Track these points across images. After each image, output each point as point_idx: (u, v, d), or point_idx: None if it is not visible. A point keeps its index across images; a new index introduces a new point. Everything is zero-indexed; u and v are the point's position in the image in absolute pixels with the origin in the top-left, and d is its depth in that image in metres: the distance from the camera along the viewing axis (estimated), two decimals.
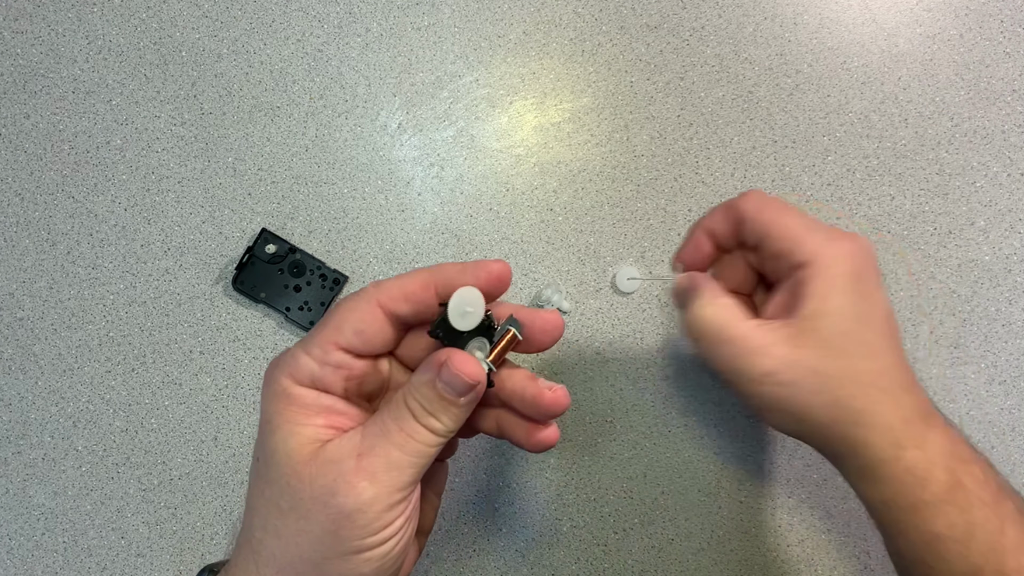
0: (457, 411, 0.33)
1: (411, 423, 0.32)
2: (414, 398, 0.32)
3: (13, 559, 0.54)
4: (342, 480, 0.31)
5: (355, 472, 0.31)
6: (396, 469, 0.32)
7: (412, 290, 0.33)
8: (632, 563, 0.53)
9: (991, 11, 0.56)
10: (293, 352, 0.33)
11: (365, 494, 0.31)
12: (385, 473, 0.31)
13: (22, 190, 0.56)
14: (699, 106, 0.56)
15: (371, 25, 0.57)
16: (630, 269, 0.55)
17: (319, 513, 0.31)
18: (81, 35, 0.57)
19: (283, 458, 0.32)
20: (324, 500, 0.31)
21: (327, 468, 0.31)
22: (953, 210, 0.55)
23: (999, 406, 0.53)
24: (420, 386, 0.32)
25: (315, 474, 0.31)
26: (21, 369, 0.55)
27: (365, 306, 0.33)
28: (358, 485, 0.31)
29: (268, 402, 0.33)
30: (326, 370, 0.33)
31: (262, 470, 0.33)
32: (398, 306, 0.33)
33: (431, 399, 0.32)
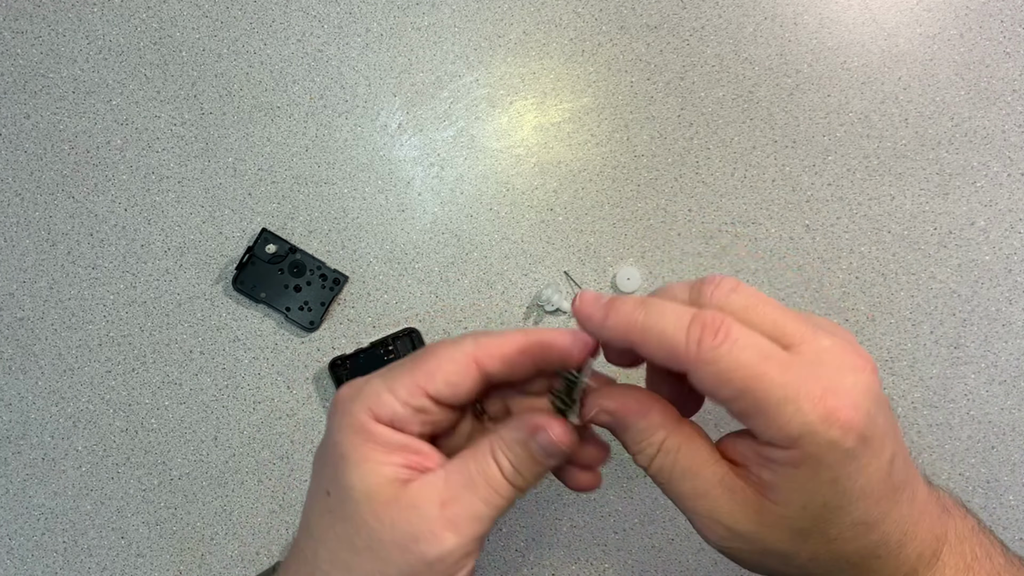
0: (542, 471, 0.33)
1: (498, 479, 0.32)
2: (504, 455, 0.33)
3: (13, 559, 0.54)
4: (427, 528, 0.31)
5: (439, 521, 0.31)
6: (478, 521, 0.32)
7: (511, 353, 0.33)
8: (632, 563, 0.53)
9: (991, 11, 0.56)
10: (374, 386, 0.32)
11: (448, 544, 0.31)
12: (468, 524, 0.31)
13: (22, 190, 0.56)
14: (699, 106, 0.56)
15: (371, 25, 0.57)
16: (631, 269, 0.55)
17: (397, 557, 0.31)
18: (81, 35, 0.57)
19: (361, 496, 0.32)
20: (405, 545, 0.31)
21: (410, 513, 0.31)
22: (953, 210, 0.55)
23: (999, 406, 0.53)
24: (513, 444, 0.33)
25: (397, 519, 0.31)
26: (21, 369, 0.55)
27: (462, 359, 0.32)
28: (442, 535, 0.31)
29: (343, 434, 0.32)
30: (407, 411, 0.32)
31: (334, 504, 0.33)
32: (493, 365, 0.33)
33: (522, 458, 0.32)
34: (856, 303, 0.54)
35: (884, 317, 0.54)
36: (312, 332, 0.55)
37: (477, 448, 0.33)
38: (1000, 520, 0.53)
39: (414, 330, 0.54)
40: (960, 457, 0.53)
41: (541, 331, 0.33)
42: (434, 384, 0.32)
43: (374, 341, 0.54)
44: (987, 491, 0.53)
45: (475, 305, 0.55)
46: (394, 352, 0.54)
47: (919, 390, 0.54)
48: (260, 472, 0.55)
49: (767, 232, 0.55)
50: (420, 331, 0.55)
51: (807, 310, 0.54)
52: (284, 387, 0.55)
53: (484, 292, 0.55)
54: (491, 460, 0.32)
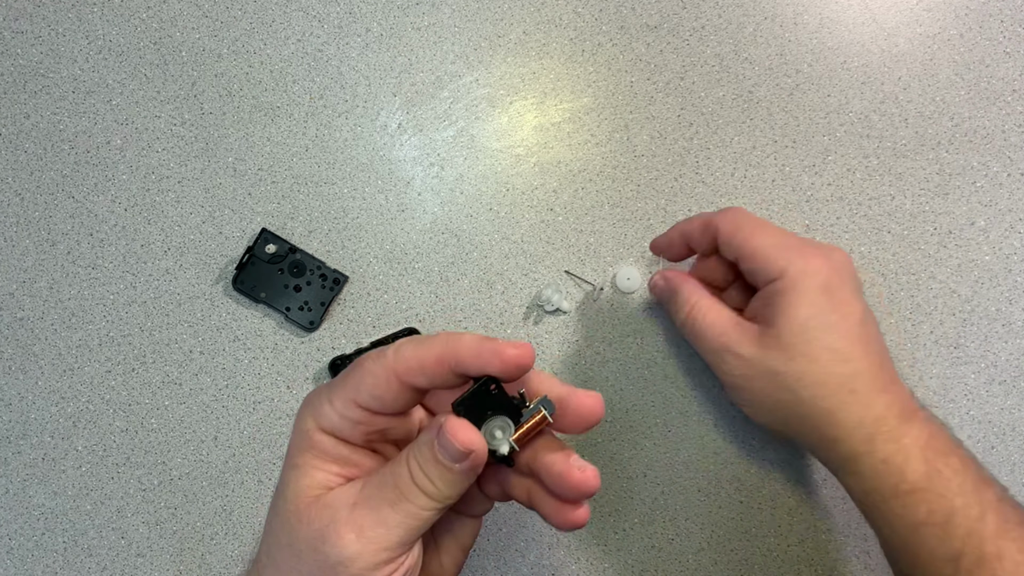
0: (452, 477, 0.32)
1: (406, 482, 0.32)
2: (414, 457, 0.32)
3: (13, 559, 0.54)
4: (332, 528, 0.31)
5: (345, 522, 0.31)
6: (384, 526, 0.31)
7: (427, 364, 0.32)
8: (632, 563, 0.53)
9: (991, 11, 0.56)
10: (320, 397, 0.33)
11: (349, 548, 0.30)
12: (372, 529, 0.31)
13: (22, 190, 0.56)
14: (699, 106, 0.56)
15: (371, 25, 0.57)
16: (630, 269, 0.55)
17: (308, 556, 0.31)
18: (81, 35, 0.57)
19: (291, 495, 0.33)
20: (314, 545, 0.31)
21: (322, 513, 0.31)
22: (953, 210, 0.55)
23: (999, 406, 0.53)
24: (421, 445, 0.32)
25: (312, 517, 0.32)
26: (21, 369, 0.55)
27: (381, 373, 0.32)
28: (345, 537, 0.31)
29: (293, 439, 0.34)
30: (345, 423, 0.33)
31: (275, 502, 0.34)
32: (413, 377, 0.32)
33: (428, 461, 0.32)
34: None
35: (884, 317, 0.54)
36: (312, 332, 0.55)
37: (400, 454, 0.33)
38: None
39: (414, 330, 0.54)
40: None
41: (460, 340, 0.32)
42: (360, 396, 0.32)
43: (374, 341, 0.54)
44: None
45: (475, 305, 0.55)
46: None
47: (919, 390, 0.54)
48: (260, 472, 0.55)
49: None
50: (420, 331, 0.55)
51: None
52: (284, 387, 0.55)
53: (484, 292, 0.55)
54: (403, 464, 0.32)
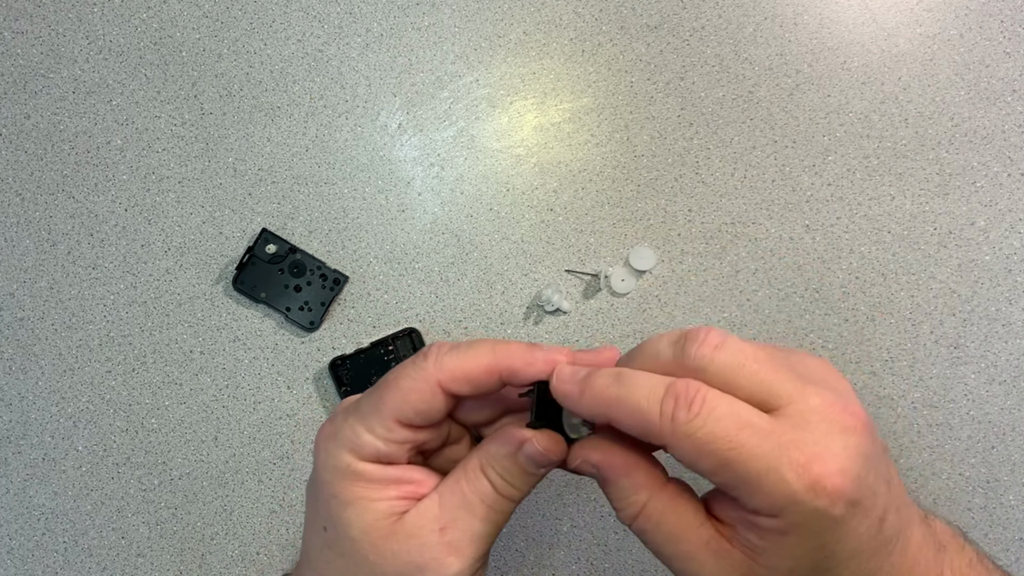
0: (535, 479, 0.33)
1: (493, 496, 0.32)
2: (494, 470, 0.32)
3: (13, 559, 0.54)
4: (429, 556, 0.31)
5: (441, 548, 0.31)
6: (479, 541, 0.32)
7: (476, 375, 0.32)
8: (632, 563, 0.53)
9: (991, 11, 0.56)
10: (352, 427, 0.32)
11: (452, 568, 0.31)
12: (470, 546, 0.31)
13: (22, 190, 0.56)
14: (699, 106, 0.56)
15: (371, 25, 0.57)
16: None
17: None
18: (81, 35, 0.57)
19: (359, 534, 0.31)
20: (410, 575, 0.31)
21: (410, 544, 0.31)
22: (953, 210, 0.55)
23: (999, 406, 0.53)
24: (501, 459, 0.32)
25: (397, 550, 0.31)
26: (21, 369, 0.55)
27: (425, 387, 0.31)
28: (446, 562, 0.31)
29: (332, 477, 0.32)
30: (391, 446, 0.32)
31: (332, 540, 0.32)
32: (459, 387, 0.32)
33: (512, 472, 0.32)
34: (856, 303, 0.54)
35: (884, 317, 0.54)
36: (312, 332, 0.55)
37: (467, 467, 0.33)
38: (1000, 520, 0.53)
39: (414, 330, 0.54)
40: (960, 457, 0.53)
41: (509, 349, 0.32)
42: (405, 416, 0.32)
43: (374, 341, 0.54)
44: (987, 491, 0.53)
45: (475, 305, 0.55)
46: (394, 352, 0.54)
47: (919, 390, 0.54)
48: (260, 472, 0.55)
49: (767, 232, 0.55)
50: (420, 331, 0.55)
51: (807, 310, 0.54)
52: (284, 387, 0.55)
53: (484, 292, 0.55)
54: (483, 477, 0.32)
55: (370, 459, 0.32)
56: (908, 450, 0.53)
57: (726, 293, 0.55)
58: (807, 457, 0.27)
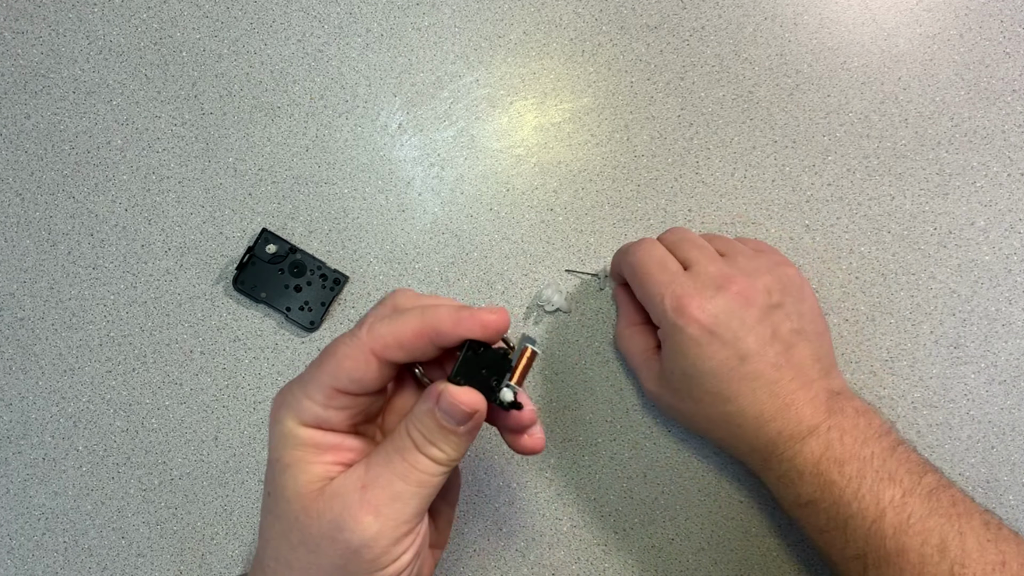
0: (458, 440, 0.33)
1: (413, 453, 0.32)
2: (416, 428, 0.33)
3: (13, 559, 0.54)
4: (348, 515, 0.31)
5: (359, 506, 0.31)
6: (400, 501, 0.32)
7: (406, 339, 0.33)
8: (632, 563, 0.53)
9: (991, 11, 0.56)
10: (294, 394, 0.33)
11: (370, 529, 0.31)
12: (389, 506, 0.32)
13: (22, 190, 0.56)
14: (699, 106, 0.56)
15: (371, 25, 0.57)
16: None
17: (327, 548, 0.32)
18: (81, 35, 0.57)
19: (292, 495, 0.32)
20: (332, 535, 0.31)
21: (333, 503, 0.32)
22: (953, 210, 0.55)
23: (999, 406, 0.53)
24: (421, 416, 0.33)
25: (322, 509, 0.32)
26: (21, 369, 0.55)
27: (359, 354, 0.33)
28: (363, 520, 0.31)
29: (276, 441, 0.34)
30: (329, 412, 0.33)
31: (271, 505, 0.34)
32: (391, 353, 0.33)
33: (432, 429, 0.33)
34: (856, 303, 0.54)
35: (884, 317, 0.54)
36: (312, 332, 0.55)
37: (396, 429, 0.33)
38: None
39: None
40: (960, 457, 0.53)
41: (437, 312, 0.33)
42: (339, 382, 0.33)
43: None
44: (987, 491, 0.53)
45: (475, 305, 0.55)
46: None
47: (919, 390, 0.54)
48: (260, 472, 0.55)
49: (767, 232, 0.55)
50: None
51: None
52: None
53: (484, 292, 0.55)
54: (406, 436, 0.33)
55: (311, 424, 0.33)
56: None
57: None
58: (683, 292, 0.43)
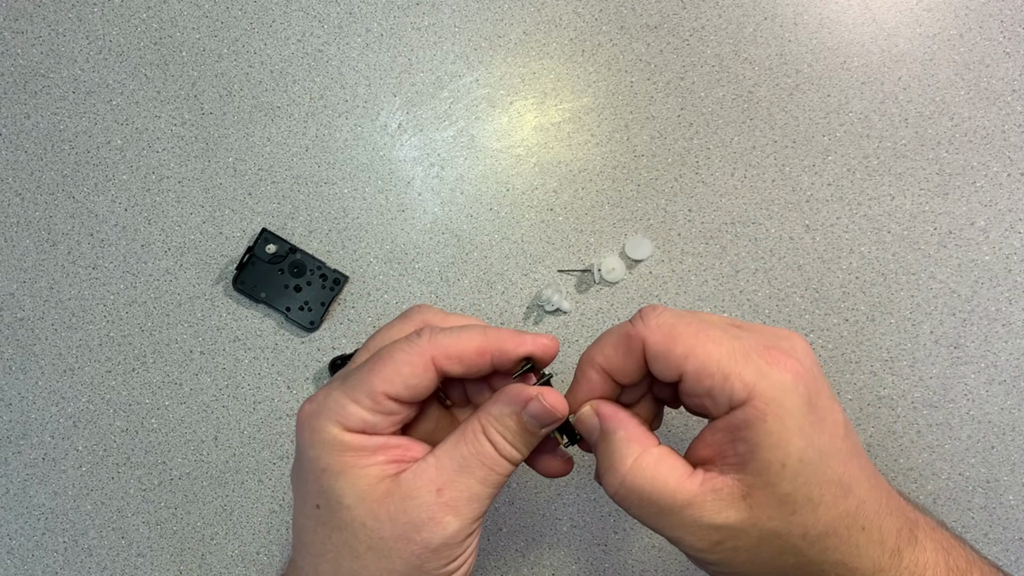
0: (534, 440, 0.34)
1: (493, 456, 0.33)
2: (495, 430, 0.33)
3: (13, 559, 0.54)
4: (426, 515, 0.31)
5: (439, 507, 0.32)
6: (477, 501, 0.32)
7: (468, 355, 0.33)
8: (632, 563, 0.53)
9: (991, 11, 0.56)
10: (337, 400, 0.32)
11: (450, 528, 0.32)
12: (467, 506, 0.32)
13: (22, 190, 0.56)
14: (699, 106, 0.56)
15: (371, 25, 0.57)
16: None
17: (402, 549, 0.31)
18: (81, 35, 0.57)
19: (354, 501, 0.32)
20: (408, 536, 0.31)
21: (407, 504, 0.32)
22: (953, 210, 0.55)
23: (999, 406, 0.53)
24: (503, 418, 0.33)
25: (395, 512, 0.31)
26: (21, 369, 0.55)
27: (419, 361, 0.32)
28: (443, 520, 0.31)
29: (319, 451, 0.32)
30: (378, 418, 0.33)
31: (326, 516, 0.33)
32: (452, 366, 0.33)
33: (514, 431, 0.33)
34: (856, 303, 0.54)
35: (884, 317, 0.54)
36: (312, 332, 0.55)
37: (466, 430, 0.33)
38: (1000, 520, 0.53)
39: None
40: (960, 457, 0.53)
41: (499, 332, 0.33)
42: (394, 388, 0.32)
43: None
44: (987, 491, 0.53)
45: (475, 305, 0.55)
46: None
47: (919, 390, 0.54)
48: (260, 472, 0.55)
49: (767, 232, 0.55)
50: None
51: (807, 310, 0.54)
52: (284, 387, 0.55)
53: (484, 292, 0.55)
54: (483, 439, 0.33)
55: (356, 429, 0.32)
56: (908, 450, 0.53)
57: (726, 293, 0.55)
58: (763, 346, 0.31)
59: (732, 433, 0.31)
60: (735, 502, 0.31)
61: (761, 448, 0.30)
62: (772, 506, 0.30)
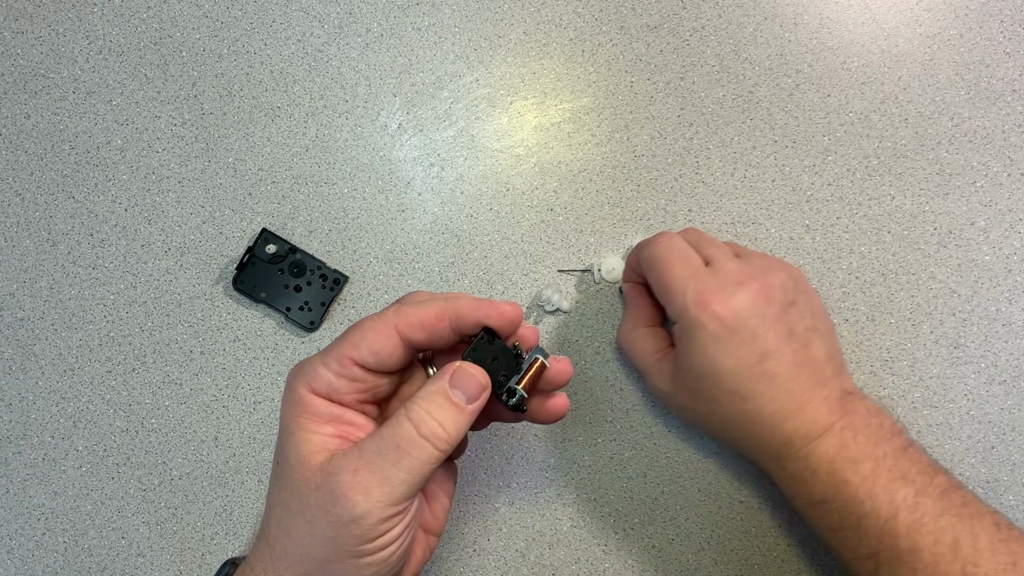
0: (463, 419, 0.35)
1: (410, 437, 0.34)
2: (421, 409, 0.34)
3: (13, 559, 0.54)
4: (340, 491, 0.33)
5: (351, 486, 0.33)
6: (389, 485, 0.33)
7: (428, 320, 0.35)
8: (632, 563, 0.53)
9: (991, 11, 0.56)
10: (312, 363, 0.36)
11: (359, 508, 0.33)
12: (378, 488, 0.33)
13: (22, 190, 0.56)
14: (699, 106, 0.56)
15: (371, 25, 0.57)
16: (615, 259, 0.55)
17: (321, 519, 0.34)
18: (81, 35, 0.57)
19: (295, 462, 0.34)
20: (325, 508, 0.33)
21: (328, 479, 0.34)
22: (953, 210, 0.55)
23: (999, 406, 0.53)
24: (430, 396, 0.35)
25: (320, 482, 0.34)
26: (21, 369, 0.55)
27: (383, 328, 0.35)
28: (353, 499, 0.33)
29: (286, 408, 0.36)
30: (342, 382, 0.35)
31: (277, 472, 0.36)
32: (414, 332, 0.35)
33: (440, 404, 0.34)
34: (856, 303, 0.54)
35: (884, 317, 0.54)
36: (312, 332, 0.55)
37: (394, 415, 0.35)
38: None
39: None
40: (960, 457, 0.53)
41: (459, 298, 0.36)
42: (359, 353, 0.35)
43: None
44: (987, 491, 0.53)
45: None
46: None
47: (919, 390, 0.54)
48: (260, 472, 0.55)
49: (767, 232, 0.55)
50: None
51: None
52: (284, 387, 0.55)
53: (484, 292, 0.55)
54: (404, 421, 0.34)
55: (321, 393, 0.35)
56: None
57: None
58: (704, 287, 0.42)
59: (676, 337, 0.45)
60: (666, 378, 0.46)
61: (679, 352, 0.44)
62: (684, 389, 0.45)
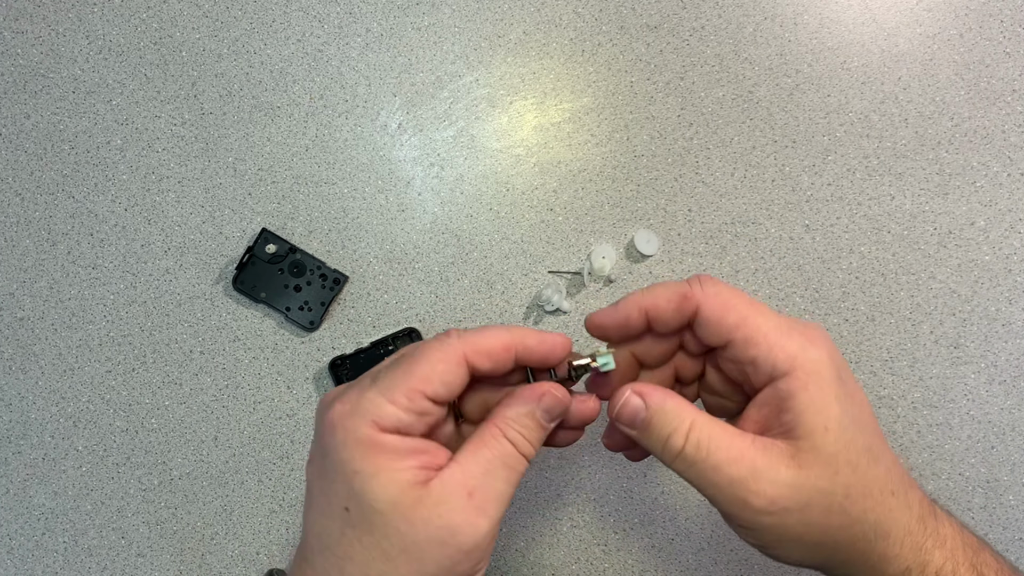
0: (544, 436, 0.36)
1: (514, 455, 0.34)
2: (514, 430, 0.35)
3: (13, 559, 0.54)
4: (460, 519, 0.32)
5: (471, 511, 0.33)
6: (502, 500, 0.34)
7: (496, 351, 0.35)
8: (632, 563, 0.53)
9: (991, 11, 0.56)
10: (372, 399, 0.33)
11: (483, 529, 0.33)
12: (494, 506, 0.33)
13: (22, 190, 0.56)
14: (699, 106, 0.56)
15: (371, 25, 0.57)
16: (606, 247, 0.55)
17: (435, 552, 0.32)
18: (81, 35, 0.57)
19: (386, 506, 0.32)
20: (443, 540, 0.32)
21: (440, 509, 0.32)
22: (953, 210, 0.55)
23: (999, 406, 0.53)
24: (520, 418, 0.35)
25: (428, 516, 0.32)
26: (21, 369, 0.55)
27: (452, 358, 0.34)
28: (477, 522, 0.33)
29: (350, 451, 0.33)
30: (412, 417, 0.33)
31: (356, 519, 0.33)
32: (481, 362, 0.35)
33: (531, 428, 0.35)
34: (856, 303, 0.54)
35: (884, 317, 0.54)
36: (312, 332, 0.55)
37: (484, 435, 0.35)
38: (1000, 520, 0.53)
39: (414, 330, 0.54)
40: (960, 457, 0.53)
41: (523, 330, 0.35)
42: (432, 386, 0.33)
43: (374, 341, 0.54)
44: (987, 491, 0.53)
45: (475, 305, 0.55)
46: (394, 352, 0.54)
47: (919, 390, 0.54)
48: (260, 472, 0.55)
49: (767, 232, 0.55)
50: (420, 331, 0.55)
51: (807, 310, 0.54)
52: (284, 387, 0.55)
53: (484, 292, 0.55)
54: (504, 440, 0.34)
55: (390, 430, 0.33)
56: (908, 450, 0.53)
57: None
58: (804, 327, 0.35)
59: (777, 405, 0.34)
60: (786, 460, 0.33)
61: (806, 414, 0.33)
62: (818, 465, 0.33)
